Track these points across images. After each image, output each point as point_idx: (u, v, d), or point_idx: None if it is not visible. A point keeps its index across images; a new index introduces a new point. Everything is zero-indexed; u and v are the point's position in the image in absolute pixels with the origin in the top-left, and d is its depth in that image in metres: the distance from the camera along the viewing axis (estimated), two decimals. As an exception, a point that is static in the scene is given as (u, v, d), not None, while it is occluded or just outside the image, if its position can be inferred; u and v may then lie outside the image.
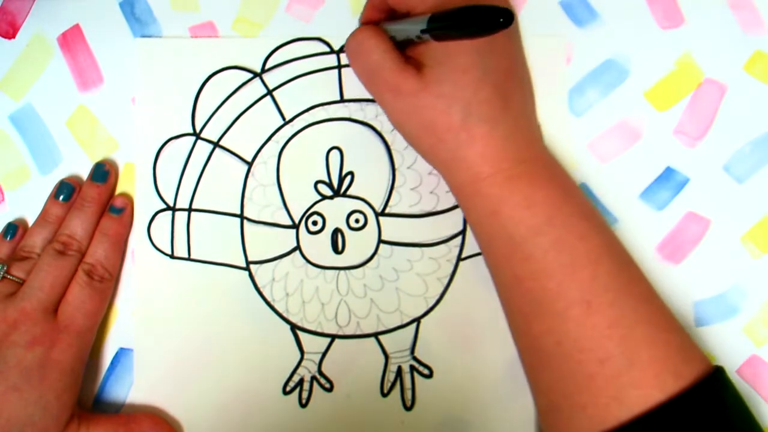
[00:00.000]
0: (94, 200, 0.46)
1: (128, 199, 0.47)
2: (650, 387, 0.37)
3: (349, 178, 0.47)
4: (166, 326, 0.47)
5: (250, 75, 0.47)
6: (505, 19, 0.33)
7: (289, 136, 0.47)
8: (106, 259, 0.45)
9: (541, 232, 0.39)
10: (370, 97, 0.47)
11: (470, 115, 0.39)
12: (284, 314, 0.46)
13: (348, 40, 0.43)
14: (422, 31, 0.38)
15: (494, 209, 0.40)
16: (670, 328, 0.39)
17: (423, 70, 0.40)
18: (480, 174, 0.40)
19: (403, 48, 0.42)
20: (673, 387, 0.37)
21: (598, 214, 0.42)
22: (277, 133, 0.47)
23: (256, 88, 0.47)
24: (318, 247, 0.46)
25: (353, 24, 0.48)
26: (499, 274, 0.42)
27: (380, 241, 0.46)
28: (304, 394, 0.46)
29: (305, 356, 0.46)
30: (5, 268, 0.44)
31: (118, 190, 0.48)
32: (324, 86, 0.47)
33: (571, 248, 0.39)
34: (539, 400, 0.42)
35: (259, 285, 0.47)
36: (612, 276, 0.39)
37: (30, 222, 0.48)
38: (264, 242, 0.47)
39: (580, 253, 0.39)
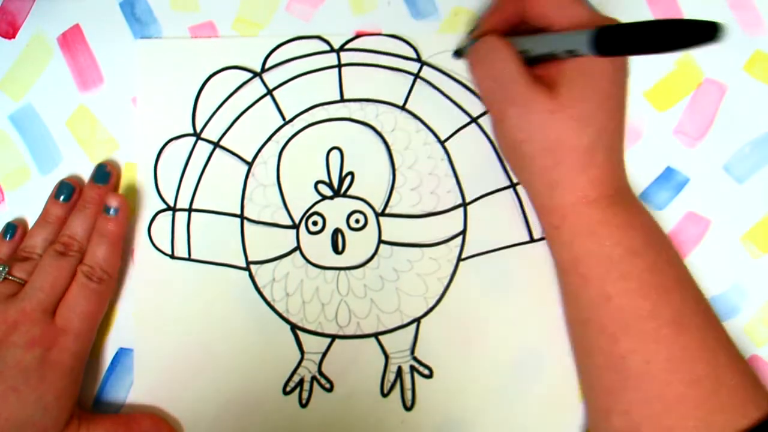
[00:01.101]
0: (96, 201, 0.46)
1: (123, 199, 0.46)
2: (736, 413, 0.37)
3: (349, 178, 0.47)
4: (166, 326, 0.47)
5: (250, 75, 0.47)
6: (718, 33, 0.32)
7: (290, 136, 0.47)
8: (104, 261, 0.45)
9: (638, 254, 0.40)
10: (370, 96, 0.47)
11: (599, 140, 0.39)
12: (284, 314, 0.46)
13: (478, 44, 0.43)
14: (589, 49, 0.37)
15: (593, 230, 0.40)
16: (741, 355, 0.40)
17: (556, 90, 0.39)
18: (586, 197, 0.40)
19: (528, 65, 0.41)
20: (754, 414, 0.37)
21: (673, 242, 0.43)
22: (278, 133, 0.47)
23: (256, 88, 0.47)
24: (318, 247, 0.46)
25: (353, 23, 0.48)
26: (584, 296, 0.41)
27: (380, 241, 0.46)
28: (304, 394, 0.46)
29: (305, 356, 0.46)
30: (7, 269, 0.44)
31: (120, 190, 0.48)
32: (324, 86, 0.47)
33: (664, 271, 0.40)
34: (615, 421, 0.40)
35: (260, 285, 0.47)
36: (697, 301, 0.40)
37: (30, 222, 0.48)
38: (264, 242, 0.47)
39: (671, 276, 0.40)
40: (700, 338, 0.39)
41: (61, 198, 0.47)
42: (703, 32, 0.32)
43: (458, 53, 0.47)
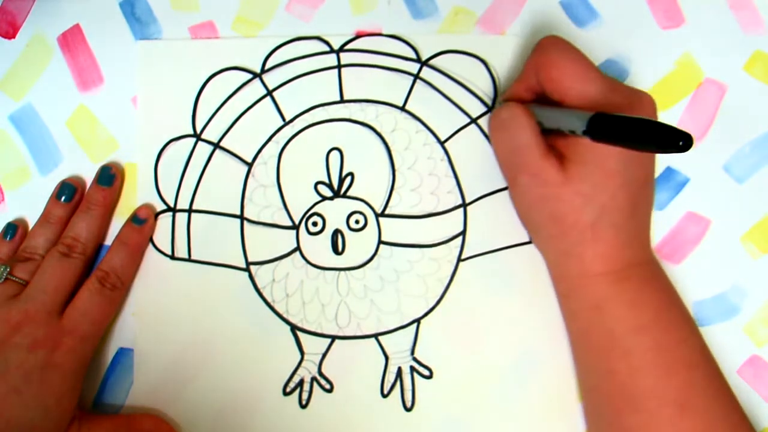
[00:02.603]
0: (100, 203, 0.46)
1: (151, 211, 0.47)
2: None
3: (349, 179, 0.47)
4: (166, 326, 0.47)
5: (250, 76, 0.47)
6: (686, 143, 0.31)
7: (290, 136, 0.47)
8: (121, 268, 0.45)
9: (642, 332, 0.40)
10: (370, 97, 0.47)
11: (602, 218, 0.39)
12: (284, 315, 0.46)
13: (497, 111, 0.43)
14: (583, 132, 0.37)
15: (598, 304, 0.41)
16: None
17: (566, 164, 0.40)
18: (591, 271, 0.41)
19: (545, 134, 0.41)
20: None
21: (693, 321, 0.42)
22: (278, 134, 0.47)
23: (256, 89, 0.47)
24: (318, 248, 0.46)
25: (353, 23, 0.48)
26: (591, 365, 0.42)
27: (380, 242, 0.46)
28: (305, 395, 0.46)
29: (305, 357, 0.46)
30: (8, 270, 0.44)
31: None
32: (324, 86, 0.47)
33: (670, 351, 0.40)
34: None
35: (259, 286, 0.47)
36: (706, 383, 0.40)
37: (30, 222, 0.48)
38: (264, 243, 0.47)
39: (678, 357, 0.40)
40: (707, 420, 0.39)
41: (63, 198, 0.47)
42: (682, 141, 0.32)
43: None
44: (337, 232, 0.46)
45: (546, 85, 0.41)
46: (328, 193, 0.47)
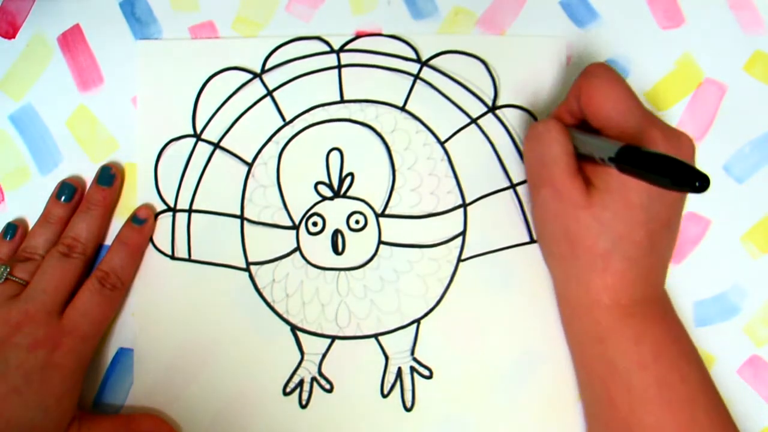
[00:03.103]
0: (100, 203, 0.46)
1: (151, 211, 0.47)
2: None
3: (349, 179, 0.47)
4: (166, 326, 0.47)
5: (250, 76, 0.47)
6: (702, 184, 0.32)
7: (290, 136, 0.47)
8: (121, 268, 0.46)
9: (645, 368, 0.40)
10: (370, 97, 0.47)
11: (616, 248, 0.39)
12: (284, 315, 0.46)
13: (535, 123, 0.43)
14: (609, 159, 0.37)
15: (602, 336, 0.41)
16: None
17: (591, 190, 0.40)
18: (598, 302, 0.41)
19: (579, 159, 0.41)
20: None
21: (698, 355, 0.42)
22: (278, 134, 0.47)
23: (256, 89, 0.47)
24: (318, 248, 0.46)
25: (353, 23, 0.48)
26: (593, 394, 0.42)
27: (380, 242, 0.46)
28: (305, 395, 0.46)
29: (305, 357, 0.46)
30: (8, 270, 0.44)
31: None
32: (324, 86, 0.47)
33: (673, 387, 0.40)
34: None
35: (260, 286, 0.47)
36: (708, 420, 0.40)
37: (30, 222, 0.48)
38: (264, 243, 0.47)
39: (681, 393, 0.40)
40: None
41: (63, 198, 0.47)
42: (699, 182, 0.32)
43: None
44: (337, 232, 0.46)
45: (586, 111, 0.41)
46: (328, 193, 0.47)
